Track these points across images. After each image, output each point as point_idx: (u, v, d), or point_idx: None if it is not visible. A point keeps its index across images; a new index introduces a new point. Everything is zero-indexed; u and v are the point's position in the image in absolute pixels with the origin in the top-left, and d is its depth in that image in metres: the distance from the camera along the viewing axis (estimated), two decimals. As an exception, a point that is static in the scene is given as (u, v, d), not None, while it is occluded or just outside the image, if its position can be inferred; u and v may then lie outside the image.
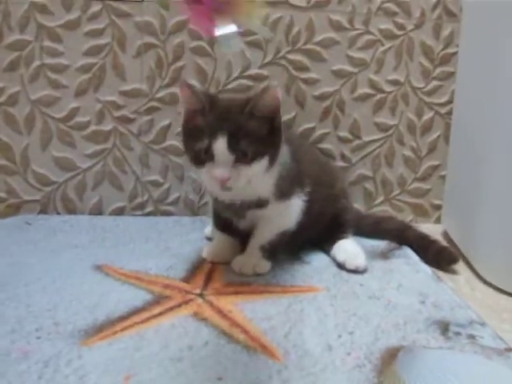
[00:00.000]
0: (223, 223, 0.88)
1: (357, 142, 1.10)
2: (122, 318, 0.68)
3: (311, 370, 0.59)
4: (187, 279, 0.80)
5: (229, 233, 0.89)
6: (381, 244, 0.98)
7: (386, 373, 0.59)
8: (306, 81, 1.06)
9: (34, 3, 1.00)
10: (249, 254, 0.85)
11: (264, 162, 0.75)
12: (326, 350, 0.63)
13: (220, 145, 0.72)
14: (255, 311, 0.71)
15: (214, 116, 0.74)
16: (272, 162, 0.76)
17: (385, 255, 0.93)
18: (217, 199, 0.83)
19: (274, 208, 0.82)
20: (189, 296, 0.75)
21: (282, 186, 0.80)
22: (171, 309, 0.71)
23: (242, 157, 0.73)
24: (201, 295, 0.75)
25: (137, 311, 0.70)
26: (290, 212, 0.84)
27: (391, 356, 0.62)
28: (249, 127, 0.74)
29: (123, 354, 0.60)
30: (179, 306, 0.72)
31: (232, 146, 0.72)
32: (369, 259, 0.90)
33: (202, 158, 0.74)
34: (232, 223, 0.87)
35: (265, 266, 0.84)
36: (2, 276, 0.79)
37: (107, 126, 1.05)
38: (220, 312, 0.70)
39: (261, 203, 0.81)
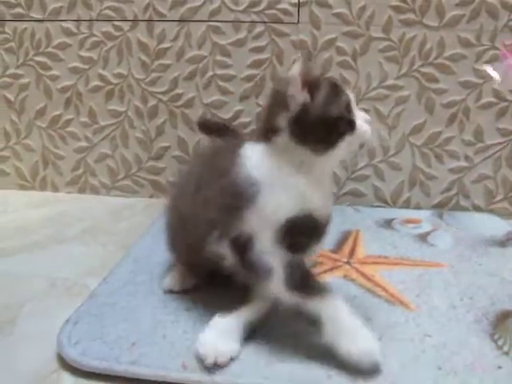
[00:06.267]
0: None
1: (480, 144, 1.24)
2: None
3: (439, 319, 0.77)
4: (335, 250, 0.99)
5: None
6: (499, 234, 1.11)
7: (500, 327, 0.75)
8: (435, 91, 1.21)
9: (210, 26, 1.23)
10: None
11: None
12: (450, 307, 0.80)
13: (351, 93, 0.72)
14: (392, 277, 0.89)
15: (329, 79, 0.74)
16: None
17: (503, 244, 1.06)
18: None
19: None
20: (338, 263, 0.94)
21: None
22: (325, 272, 0.91)
23: None
24: (347, 263, 0.94)
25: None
26: None
27: (505, 316, 0.78)
28: None
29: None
30: (331, 269, 0.92)
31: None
32: (488, 246, 1.05)
33: (351, 117, 0.71)
34: None
35: None
36: None
37: (265, 126, 1.26)
38: (364, 276, 0.89)
39: None
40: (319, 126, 0.69)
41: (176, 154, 1.32)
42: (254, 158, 0.71)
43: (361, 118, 0.72)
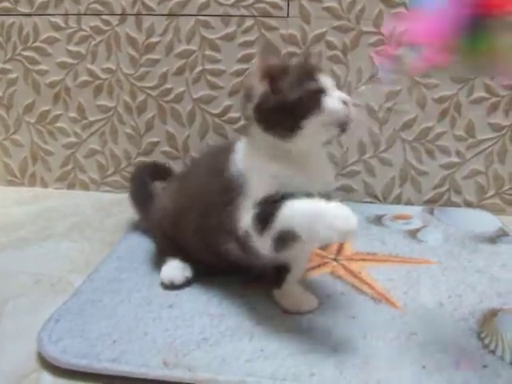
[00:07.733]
0: None
1: (471, 140, 1.23)
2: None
3: (425, 317, 0.76)
4: (323, 247, 0.98)
5: None
6: (489, 230, 1.10)
7: (486, 325, 0.74)
8: (426, 85, 1.20)
9: (199, 20, 1.21)
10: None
11: None
12: (437, 305, 0.79)
13: (325, 77, 0.72)
14: (380, 274, 0.88)
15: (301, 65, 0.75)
16: None
17: (493, 240, 1.06)
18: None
19: None
20: (325, 260, 0.93)
21: None
22: (312, 268, 0.90)
23: None
24: (335, 260, 0.93)
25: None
26: None
27: (492, 314, 0.77)
28: None
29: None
30: (318, 266, 0.91)
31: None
32: (478, 243, 1.04)
33: (316, 98, 0.70)
34: None
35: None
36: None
37: (254, 122, 1.25)
38: (351, 272, 0.88)
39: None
40: (277, 112, 0.71)
41: (165, 150, 1.30)
42: (239, 153, 0.76)
43: (336, 98, 0.70)
